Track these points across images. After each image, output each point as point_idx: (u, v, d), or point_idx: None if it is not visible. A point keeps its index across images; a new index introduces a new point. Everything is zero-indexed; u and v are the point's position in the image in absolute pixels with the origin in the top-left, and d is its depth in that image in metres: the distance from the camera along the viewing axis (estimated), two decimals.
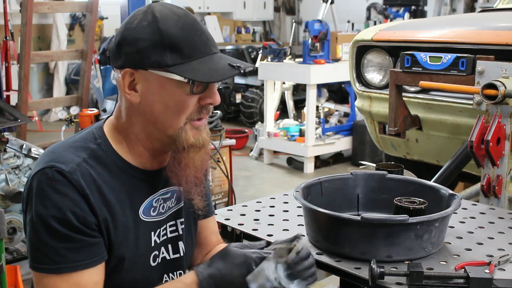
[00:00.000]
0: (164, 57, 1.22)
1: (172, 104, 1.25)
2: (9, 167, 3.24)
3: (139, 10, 1.27)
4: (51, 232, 1.18)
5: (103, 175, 1.26)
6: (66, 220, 1.18)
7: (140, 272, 1.34)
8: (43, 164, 1.23)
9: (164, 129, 1.27)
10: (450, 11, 8.87)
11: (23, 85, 4.33)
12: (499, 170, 1.96)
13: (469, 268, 1.26)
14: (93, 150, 1.28)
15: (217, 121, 3.96)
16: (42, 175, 1.21)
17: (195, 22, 1.26)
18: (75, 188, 1.20)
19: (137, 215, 1.32)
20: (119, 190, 1.28)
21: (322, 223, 1.43)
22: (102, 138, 1.30)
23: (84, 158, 1.25)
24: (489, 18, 3.26)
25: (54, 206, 1.18)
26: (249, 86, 7.96)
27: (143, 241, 1.34)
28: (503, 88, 1.88)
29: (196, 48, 1.24)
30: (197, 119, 1.29)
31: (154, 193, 1.36)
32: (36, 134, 7.04)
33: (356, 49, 3.16)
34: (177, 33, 1.22)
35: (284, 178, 5.69)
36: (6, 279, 2.31)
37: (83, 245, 1.20)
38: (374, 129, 3.19)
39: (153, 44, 1.22)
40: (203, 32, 1.26)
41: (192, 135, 1.28)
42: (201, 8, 10.21)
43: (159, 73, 1.23)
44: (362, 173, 1.69)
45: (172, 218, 1.41)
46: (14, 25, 5.34)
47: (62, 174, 1.20)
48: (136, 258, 1.32)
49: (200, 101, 1.28)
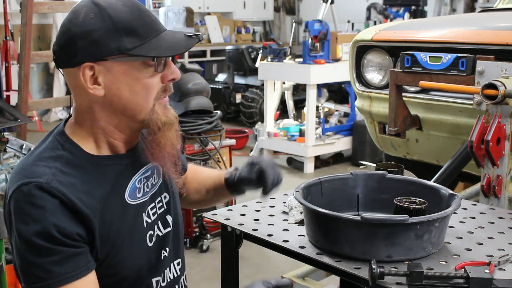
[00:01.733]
0: (122, 42, 1.21)
1: (139, 88, 1.25)
2: (9, 167, 3.23)
3: (78, 6, 1.25)
4: (33, 249, 1.16)
5: (81, 177, 1.24)
6: (47, 233, 1.16)
7: (140, 256, 1.34)
8: (16, 184, 1.20)
9: (135, 115, 1.27)
10: (450, 11, 8.87)
11: (23, 85, 4.33)
12: (499, 170, 1.96)
13: (469, 268, 1.26)
14: (64, 156, 1.25)
15: (217, 121, 3.97)
16: (19, 193, 1.18)
17: (140, 4, 1.28)
18: (55, 198, 1.18)
19: (123, 201, 1.30)
20: (101, 185, 1.26)
21: (322, 223, 1.43)
22: (68, 142, 1.28)
23: (58, 167, 1.22)
24: (489, 18, 3.26)
25: (34, 221, 1.16)
26: (249, 86, 7.96)
27: (136, 226, 1.33)
28: (503, 88, 1.88)
29: (149, 28, 1.24)
30: (161, 98, 1.30)
31: (135, 174, 1.35)
32: (36, 134, 7.04)
33: (356, 49, 3.16)
34: (127, 16, 1.22)
35: (284, 178, 5.64)
36: (6, 279, 2.31)
37: (66, 256, 1.18)
38: (374, 129, 3.19)
39: (107, 32, 1.21)
40: (150, 13, 1.28)
41: (162, 113, 1.29)
42: (201, 8, 10.21)
43: (120, 60, 1.22)
44: (362, 173, 1.69)
45: (158, 194, 1.41)
46: (14, 25, 5.34)
47: (40, 187, 1.17)
48: (133, 244, 1.31)
49: (163, 80, 1.28)
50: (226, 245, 1.70)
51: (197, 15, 10.11)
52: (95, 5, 1.23)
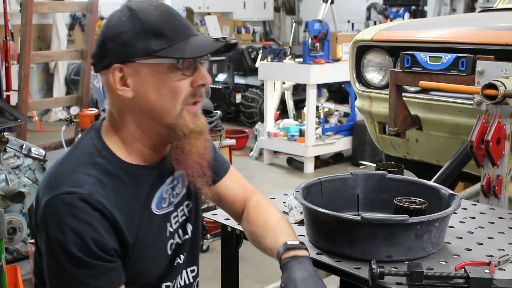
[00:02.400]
0: (149, 44, 1.22)
1: (166, 90, 1.24)
2: (9, 167, 3.24)
3: (115, 11, 1.29)
4: (71, 259, 1.17)
5: (117, 188, 1.25)
6: (86, 247, 1.17)
7: (160, 265, 1.36)
8: (56, 190, 1.19)
9: (161, 118, 1.26)
10: (450, 11, 8.87)
11: (23, 85, 4.33)
12: (499, 170, 1.96)
13: (469, 268, 1.26)
14: (101, 164, 1.25)
15: (217, 121, 3.96)
16: (59, 201, 1.18)
17: (172, 9, 1.28)
18: (96, 211, 1.18)
19: (150, 212, 1.32)
20: (135, 198, 1.28)
21: (322, 223, 1.43)
22: (105, 150, 1.28)
23: (96, 176, 1.22)
24: (489, 18, 3.26)
25: (73, 233, 1.16)
26: (249, 86, 7.96)
27: (160, 235, 1.35)
28: (503, 88, 1.88)
29: (178, 31, 1.24)
30: (192, 103, 1.28)
31: (162, 184, 1.36)
32: (36, 134, 7.04)
33: (356, 49, 3.16)
34: (157, 19, 1.24)
35: (284, 178, 5.69)
36: (6, 279, 2.31)
37: (103, 270, 1.19)
38: (374, 129, 3.19)
39: (136, 34, 1.23)
40: (182, 18, 1.28)
41: (190, 120, 1.27)
42: (201, 8, 10.21)
43: (148, 61, 1.23)
44: (362, 173, 1.69)
45: (181, 203, 1.42)
46: (14, 25, 5.34)
47: (83, 199, 1.18)
48: (156, 253, 1.34)
49: (192, 84, 1.27)
50: (226, 245, 1.70)
51: (197, 15, 10.12)
52: (128, 9, 1.26)
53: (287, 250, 1.30)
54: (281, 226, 1.40)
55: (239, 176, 1.58)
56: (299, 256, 1.28)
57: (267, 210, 1.48)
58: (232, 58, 8.17)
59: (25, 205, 3.34)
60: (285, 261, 1.28)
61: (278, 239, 1.35)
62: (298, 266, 1.26)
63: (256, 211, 1.48)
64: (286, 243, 1.31)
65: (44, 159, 3.40)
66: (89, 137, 1.31)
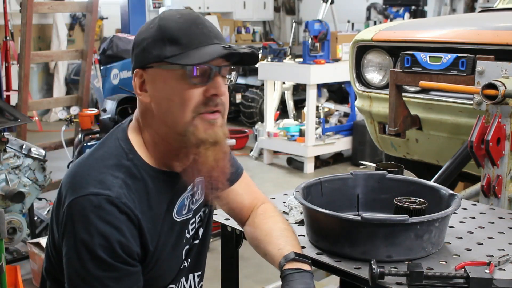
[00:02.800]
0: (163, 50, 1.22)
1: (176, 97, 1.23)
2: (9, 167, 3.24)
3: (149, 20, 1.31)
4: (96, 261, 1.17)
5: (142, 192, 1.25)
6: (112, 249, 1.17)
7: (174, 269, 1.37)
8: (83, 190, 1.19)
9: (174, 126, 1.25)
10: (450, 11, 8.87)
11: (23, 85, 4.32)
12: (499, 170, 1.96)
13: (469, 268, 1.26)
14: (128, 167, 1.25)
15: None
16: (86, 201, 1.17)
17: (198, 17, 1.26)
18: (123, 214, 1.19)
19: (172, 218, 1.33)
20: (159, 203, 1.28)
21: (322, 223, 1.43)
22: (132, 152, 1.28)
23: (123, 179, 1.22)
24: (489, 18, 3.25)
25: (100, 235, 1.16)
26: (249, 86, 7.96)
27: (178, 242, 1.36)
28: (503, 88, 1.88)
29: (193, 38, 1.23)
30: (207, 112, 1.25)
31: (184, 192, 1.36)
32: (36, 134, 7.04)
33: (356, 49, 3.16)
34: (175, 26, 1.23)
35: (284, 178, 5.69)
36: (6, 279, 2.31)
37: (125, 274, 1.20)
38: (374, 129, 3.19)
39: (154, 40, 1.24)
40: (205, 26, 1.25)
41: (203, 129, 1.24)
42: (201, 8, 10.21)
43: (161, 67, 1.24)
44: (362, 173, 1.69)
45: (199, 209, 1.43)
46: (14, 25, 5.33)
47: (110, 202, 1.18)
48: (173, 259, 1.35)
49: (205, 93, 1.24)
50: (226, 245, 1.70)
51: None
52: (157, 17, 1.27)
53: (291, 261, 1.29)
54: (286, 235, 1.39)
55: (250, 183, 1.57)
56: (302, 270, 1.28)
57: (274, 219, 1.47)
58: None
59: (25, 205, 3.35)
60: (287, 271, 1.28)
61: (282, 247, 1.34)
62: (300, 281, 1.25)
63: (263, 217, 1.47)
64: (292, 253, 1.30)
65: (44, 159, 3.40)
66: (115, 137, 1.31)
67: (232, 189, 1.51)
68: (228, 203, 1.52)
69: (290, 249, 1.32)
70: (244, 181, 1.54)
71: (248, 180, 1.56)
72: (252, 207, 1.52)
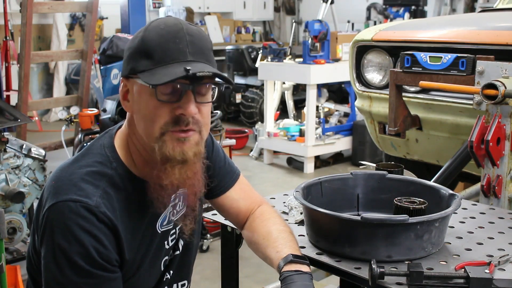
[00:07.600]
0: (138, 63, 1.22)
1: (147, 112, 1.22)
2: (9, 167, 3.24)
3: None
4: (73, 267, 1.17)
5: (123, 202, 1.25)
6: (90, 257, 1.17)
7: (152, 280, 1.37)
8: (63, 195, 1.19)
9: (146, 138, 1.24)
10: (450, 11, 8.87)
11: (23, 85, 4.32)
12: (499, 170, 1.96)
13: (469, 268, 1.26)
14: (111, 176, 1.24)
15: (217, 121, 3.96)
16: (65, 207, 1.17)
17: (180, 31, 1.21)
18: (101, 223, 1.18)
19: (154, 229, 1.33)
20: (138, 212, 1.28)
21: (322, 223, 1.43)
22: (116, 161, 1.27)
23: (104, 188, 1.22)
24: (489, 18, 3.25)
25: (78, 243, 1.16)
26: (249, 86, 7.96)
27: (158, 253, 1.36)
28: (503, 88, 1.88)
29: (166, 54, 1.19)
30: (176, 130, 1.21)
31: (168, 204, 1.35)
32: (36, 134, 7.04)
33: (356, 49, 3.16)
34: (154, 39, 1.20)
35: (284, 178, 5.69)
36: (6, 279, 2.31)
37: (104, 280, 1.20)
38: (374, 129, 3.19)
39: (134, 52, 1.23)
40: (184, 41, 1.20)
41: (171, 146, 1.21)
42: (201, 8, 10.21)
43: (135, 80, 1.23)
44: (362, 173, 1.69)
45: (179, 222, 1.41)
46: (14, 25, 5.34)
47: (89, 210, 1.17)
48: (152, 269, 1.35)
49: (173, 112, 1.20)
50: (226, 245, 1.70)
51: (197, 15, 10.12)
52: (147, 26, 1.25)
53: (290, 263, 1.29)
54: (284, 237, 1.38)
55: (247, 187, 1.55)
56: (301, 271, 1.28)
57: (271, 221, 1.46)
58: (232, 58, 8.17)
59: (25, 205, 3.34)
60: (286, 273, 1.27)
61: (280, 250, 1.34)
62: (299, 283, 1.25)
63: (260, 221, 1.46)
64: (290, 255, 1.30)
65: (44, 159, 3.40)
66: (101, 144, 1.30)
67: (227, 195, 1.50)
68: (224, 210, 1.52)
69: (288, 251, 1.32)
70: (239, 186, 1.53)
71: (244, 184, 1.55)
72: (249, 211, 1.51)
